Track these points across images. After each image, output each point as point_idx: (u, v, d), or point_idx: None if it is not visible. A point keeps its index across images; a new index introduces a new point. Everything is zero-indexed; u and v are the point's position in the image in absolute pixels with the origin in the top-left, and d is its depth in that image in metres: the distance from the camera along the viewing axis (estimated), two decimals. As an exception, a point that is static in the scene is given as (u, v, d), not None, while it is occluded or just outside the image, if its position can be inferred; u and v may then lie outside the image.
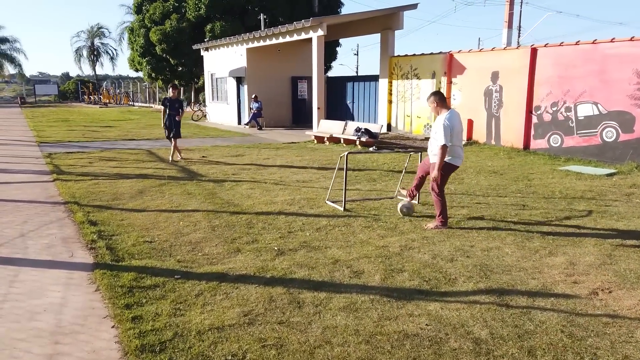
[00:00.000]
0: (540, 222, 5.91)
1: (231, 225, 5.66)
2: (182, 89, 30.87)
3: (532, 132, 12.00)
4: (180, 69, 29.15)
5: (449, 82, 14.27)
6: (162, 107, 10.79)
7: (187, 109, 25.39)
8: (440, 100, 5.48)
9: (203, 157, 11.40)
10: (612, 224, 5.80)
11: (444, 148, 5.23)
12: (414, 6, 16.22)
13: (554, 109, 11.41)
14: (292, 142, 14.73)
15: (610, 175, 9.01)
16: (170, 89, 10.80)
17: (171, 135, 10.65)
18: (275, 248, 4.83)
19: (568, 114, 11.10)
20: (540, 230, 5.53)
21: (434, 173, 5.38)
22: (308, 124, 18.53)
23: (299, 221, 5.82)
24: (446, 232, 5.39)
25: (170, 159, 10.70)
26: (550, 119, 11.52)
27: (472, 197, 7.21)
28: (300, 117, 20.53)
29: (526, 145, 12.14)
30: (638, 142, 9.80)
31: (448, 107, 5.48)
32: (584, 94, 10.73)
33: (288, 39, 16.71)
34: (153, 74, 30.46)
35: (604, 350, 2.96)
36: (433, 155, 5.47)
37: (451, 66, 14.18)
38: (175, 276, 4.10)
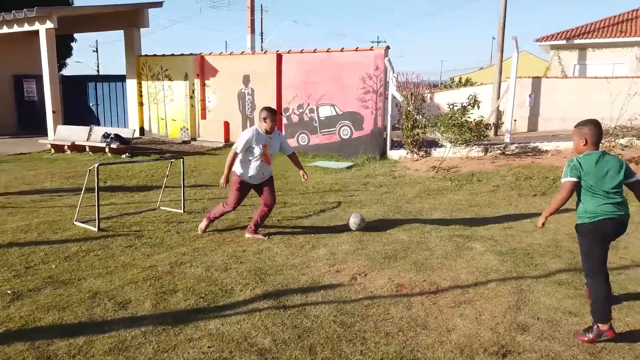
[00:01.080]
0: (301, 217, 6.32)
1: (-63, 270, 4.28)
2: None
3: (284, 133, 12.92)
4: None
5: (202, 85, 14.17)
6: None
7: None
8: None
9: None
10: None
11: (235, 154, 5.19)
12: (159, 4, 15.48)
13: (300, 110, 12.52)
14: (22, 154, 12.30)
15: (349, 167, 10.39)
16: None
17: None
18: (9, 292, 3.84)
19: (312, 115, 12.33)
20: (302, 225, 5.91)
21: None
22: (41, 131, 15.76)
23: (40, 251, 4.81)
24: (217, 240, 5.24)
25: None
26: (297, 120, 12.60)
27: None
28: (30, 123, 17.32)
29: (279, 145, 13.00)
30: (367, 138, 11.57)
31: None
32: (323, 97, 12.07)
33: (7, 30, 13.85)
34: None
35: (370, 332, 3.28)
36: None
37: (203, 68, 14.09)
38: None
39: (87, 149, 12.30)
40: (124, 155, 11.62)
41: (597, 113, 9.15)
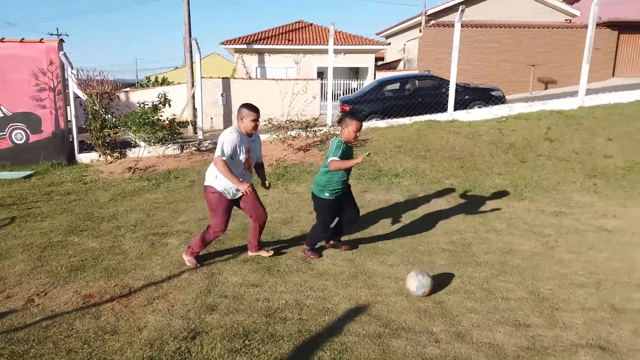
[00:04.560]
0: (-44, 243, 5.11)
1: None
2: None
3: None
4: None
5: None
6: None
7: None
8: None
9: None
10: (37, 225, 5.79)
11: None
12: None
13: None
14: None
15: (28, 177, 8.96)
16: None
17: None
18: None
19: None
20: (-42, 253, 4.79)
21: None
22: None
23: None
24: None
25: None
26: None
27: None
28: None
29: None
30: (49, 142, 10.18)
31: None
32: (-17, 95, 9.96)
33: None
34: None
35: (49, 355, 2.94)
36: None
37: None
38: None
39: None
40: None
41: (275, 110, 10.61)
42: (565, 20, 22.55)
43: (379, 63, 25.37)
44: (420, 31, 21.07)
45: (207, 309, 3.59)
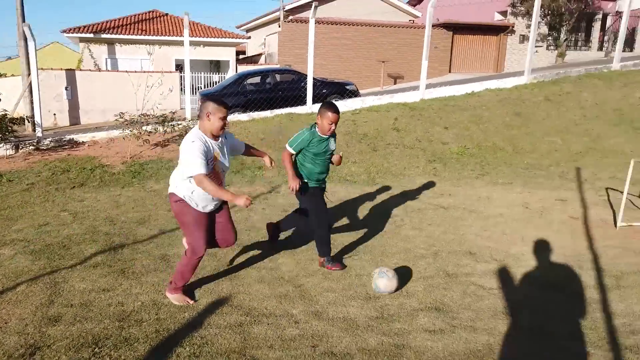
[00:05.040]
0: None
1: None
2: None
3: None
4: None
5: None
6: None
7: None
8: None
9: None
10: None
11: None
12: None
13: None
14: None
15: None
16: None
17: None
18: None
19: None
20: None
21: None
22: None
23: None
24: None
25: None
26: None
27: None
28: None
29: None
30: None
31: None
32: None
33: None
34: None
35: None
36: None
37: None
38: None
39: None
40: None
41: (129, 104, 9.90)
42: (409, 20, 24.80)
43: (241, 57, 25.20)
44: (279, 26, 21.42)
45: (49, 321, 3.25)
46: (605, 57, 21.31)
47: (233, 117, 10.48)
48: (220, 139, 3.47)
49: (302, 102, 11.21)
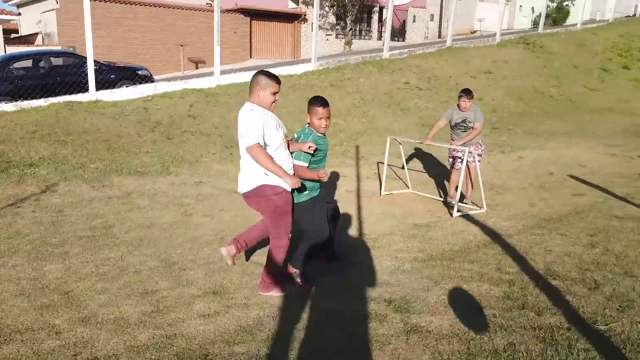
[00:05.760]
0: None
1: None
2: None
3: None
4: None
5: None
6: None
7: None
8: None
9: None
10: None
11: None
12: None
13: None
14: None
15: None
16: None
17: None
18: None
19: None
20: None
21: None
22: None
23: None
24: None
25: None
26: None
27: None
28: None
29: None
30: None
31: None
32: None
33: None
34: None
35: None
36: None
37: None
38: None
39: None
40: None
41: None
42: (207, 3, 24.35)
43: (12, 36, 21.55)
44: (57, 2, 18.90)
45: None
46: (382, 46, 24.32)
47: (-5, 108, 8.96)
48: None
49: (85, 88, 10.17)
